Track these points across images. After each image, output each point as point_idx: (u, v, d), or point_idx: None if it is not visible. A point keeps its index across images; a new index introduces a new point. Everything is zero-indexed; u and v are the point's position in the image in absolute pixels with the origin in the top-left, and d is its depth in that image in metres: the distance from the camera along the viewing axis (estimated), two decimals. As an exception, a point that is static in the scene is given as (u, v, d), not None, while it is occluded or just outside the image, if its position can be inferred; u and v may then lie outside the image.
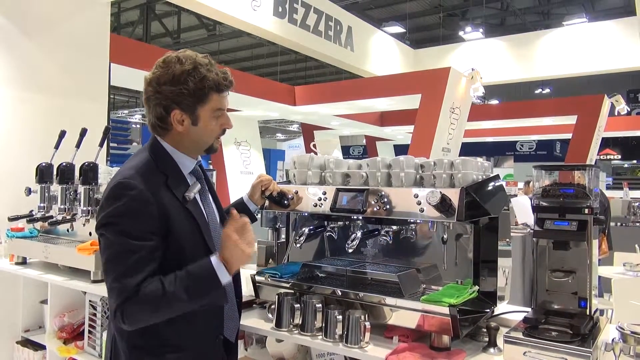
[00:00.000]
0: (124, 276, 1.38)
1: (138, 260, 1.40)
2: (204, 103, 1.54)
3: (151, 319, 1.43)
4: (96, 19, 3.98)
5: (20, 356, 3.06)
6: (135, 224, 1.42)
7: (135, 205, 1.43)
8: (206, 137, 1.60)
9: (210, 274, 1.41)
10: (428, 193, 1.71)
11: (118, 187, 1.45)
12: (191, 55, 1.54)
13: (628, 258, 5.00)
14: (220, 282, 1.42)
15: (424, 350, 1.69)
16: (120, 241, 1.41)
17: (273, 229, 2.44)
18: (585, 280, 1.73)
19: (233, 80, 1.61)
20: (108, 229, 1.43)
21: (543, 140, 17.14)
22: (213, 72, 1.54)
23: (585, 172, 1.75)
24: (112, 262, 1.42)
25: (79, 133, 2.94)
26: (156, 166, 1.54)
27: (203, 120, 1.56)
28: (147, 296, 1.38)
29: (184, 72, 1.49)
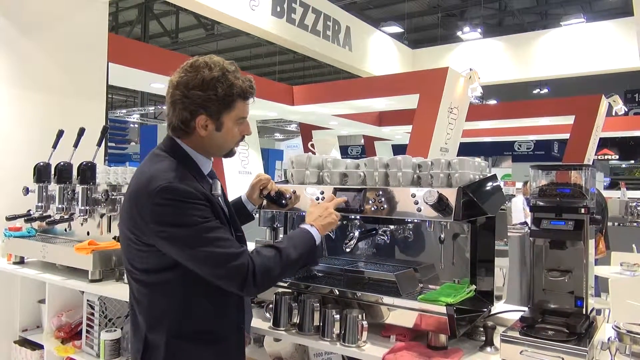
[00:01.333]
0: (228, 248, 1.47)
1: (224, 232, 1.51)
2: (230, 110, 1.56)
3: (276, 279, 1.60)
4: (94, 18, 3.98)
5: (17, 356, 3.06)
6: (200, 213, 1.47)
7: (189, 201, 1.46)
8: (227, 143, 1.64)
9: (310, 237, 1.66)
10: (425, 192, 1.71)
11: (166, 191, 1.45)
12: (219, 61, 1.56)
13: (625, 258, 5.01)
14: (315, 241, 1.67)
15: (421, 349, 1.70)
16: (199, 229, 1.46)
17: (271, 228, 2.44)
18: (581, 279, 1.74)
19: (254, 87, 1.63)
20: (181, 228, 1.45)
21: (541, 140, 17.16)
22: (240, 79, 1.57)
23: (582, 172, 1.75)
24: (210, 245, 1.45)
25: (76, 132, 2.94)
26: (183, 168, 1.56)
27: (226, 126, 1.58)
28: (269, 257, 1.52)
29: (214, 78, 1.51)
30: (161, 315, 1.55)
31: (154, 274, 1.54)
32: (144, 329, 1.57)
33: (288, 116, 11.55)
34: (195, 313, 1.55)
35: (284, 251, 1.56)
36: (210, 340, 1.57)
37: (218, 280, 1.49)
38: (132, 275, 1.59)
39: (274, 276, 1.55)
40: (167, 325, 1.54)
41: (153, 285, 1.55)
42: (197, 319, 1.55)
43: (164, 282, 1.53)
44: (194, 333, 1.56)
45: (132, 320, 1.66)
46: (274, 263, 1.52)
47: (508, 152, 19.03)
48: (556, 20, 12.89)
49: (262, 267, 1.49)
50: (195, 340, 1.56)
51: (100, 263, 2.57)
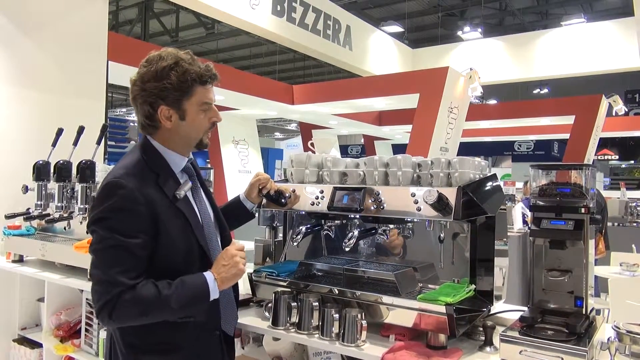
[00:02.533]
0: (114, 270, 1.40)
1: (129, 257, 1.43)
2: (189, 96, 1.55)
3: (137, 320, 1.46)
4: (94, 16, 3.98)
5: (16, 354, 3.06)
6: (124, 221, 1.44)
7: (124, 203, 1.45)
8: (195, 131, 1.61)
9: (203, 290, 1.50)
10: (425, 192, 1.71)
11: (108, 186, 1.48)
12: (172, 51, 1.57)
13: (625, 258, 5.02)
14: (209, 298, 1.51)
15: (421, 348, 1.69)
16: (110, 237, 1.43)
17: (270, 227, 2.44)
18: (581, 279, 1.73)
19: (217, 73, 1.61)
20: (98, 226, 1.46)
21: (541, 140, 17.13)
22: (195, 65, 1.56)
23: (582, 172, 1.75)
24: (101, 258, 1.44)
25: (76, 131, 2.94)
26: (147, 165, 1.56)
27: (190, 114, 1.57)
28: (142, 296, 1.41)
29: (166, 67, 1.52)
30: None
31: None
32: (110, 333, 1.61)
33: (288, 115, 11.53)
34: (153, 324, 1.48)
35: (164, 300, 1.42)
36: (170, 352, 1.53)
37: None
38: None
39: (137, 318, 1.45)
40: (122, 335, 1.53)
41: None
42: (152, 330, 1.50)
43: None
44: (152, 344, 1.52)
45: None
46: (142, 309, 1.42)
47: (508, 152, 19.01)
48: (556, 20, 12.89)
49: (126, 306, 1.40)
50: (153, 353, 1.53)
51: (100, 262, 2.56)
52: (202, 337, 1.60)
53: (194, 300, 1.49)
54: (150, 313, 1.43)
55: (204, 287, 1.49)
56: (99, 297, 1.41)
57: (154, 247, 1.48)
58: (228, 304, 1.70)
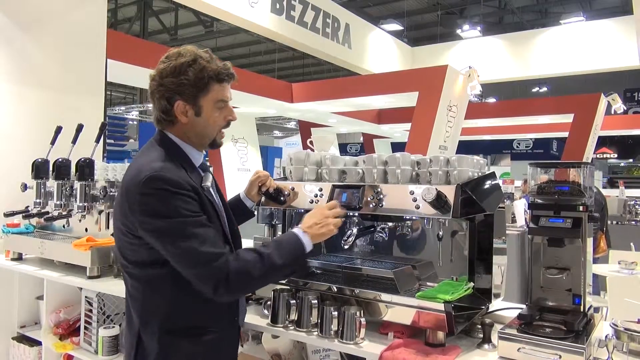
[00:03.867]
0: (206, 248, 1.43)
1: (208, 231, 1.47)
2: (206, 92, 1.58)
3: (252, 284, 1.58)
4: (93, 14, 3.97)
5: (16, 352, 3.06)
6: (185, 205, 1.46)
7: (173, 192, 1.46)
8: (210, 128, 1.63)
9: (299, 243, 1.59)
10: (424, 190, 1.71)
11: (152, 180, 1.46)
12: (192, 49, 1.60)
13: (623, 256, 5.02)
14: (305, 250, 1.60)
15: (419, 346, 1.70)
16: (182, 222, 1.44)
17: (269, 225, 2.44)
18: (579, 277, 1.74)
19: (235, 73, 1.65)
20: (164, 220, 1.45)
21: (540, 138, 17.15)
22: (213, 63, 1.59)
23: (580, 170, 1.75)
24: (185, 243, 1.43)
25: (75, 129, 2.94)
26: (172, 158, 1.57)
27: (206, 110, 1.59)
28: (247, 262, 1.48)
29: (184, 63, 1.55)
30: (153, 310, 1.55)
31: (145, 268, 1.54)
32: (137, 324, 1.58)
33: (287, 114, 11.54)
34: (187, 309, 1.55)
35: (267, 258, 1.51)
36: (201, 335, 1.57)
37: (192, 279, 1.46)
38: (126, 269, 1.60)
39: (251, 284, 1.53)
40: (159, 320, 1.54)
41: (145, 280, 1.55)
42: (188, 315, 1.55)
43: (154, 276, 1.53)
44: (186, 329, 1.56)
45: (126, 315, 1.67)
46: (253, 269, 1.48)
47: (507, 150, 19.03)
48: (556, 18, 12.90)
49: (238, 273, 1.45)
50: (187, 336, 1.56)
51: (99, 259, 2.57)
52: (227, 324, 1.64)
53: (294, 252, 1.58)
54: (261, 274, 1.50)
55: (298, 241, 1.59)
56: (208, 277, 1.44)
57: None
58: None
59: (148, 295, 1.56)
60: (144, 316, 1.57)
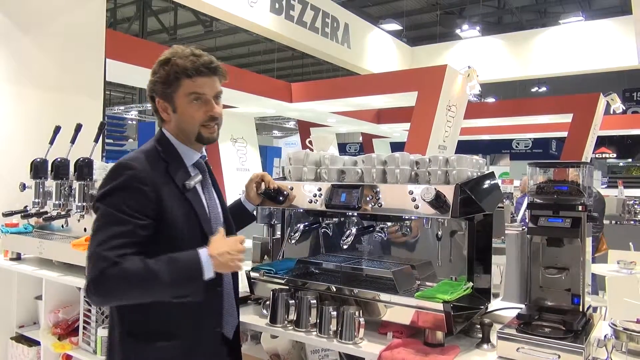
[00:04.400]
0: (104, 246, 1.41)
1: (122, 233, 1.43)
2: (177, 88, 1.58)
3: (124, 295, 1.44)
4: (92, 14, 3.96)
5: (14, 352, 3.05)
6: (127, 200, 1.47)
7: (130, 183, 1.49)
8: (187, 123, 1.62)
9: (195, 265, 1.44)
10: (423, 189, 1.71)
11: (117, 167, 1.53)
12: (173, 48, 1.62)
13: (622, 256, 5.02)
14: (203, 275, 1.44)
15: (418, 346, 1.70)
16: (110, 213, 1.46)
17: (268, 225, 2.44)
18: (578, 277, 1.74)
19: (213, 66, 1.59)
20: (101, 202, 1.49)
21: (539, 138, 17.17)
22: (187, 59, 1.56)
23: (579, 170, 1.75)
24: (97, 232, 1.46)
25: (73, 129, 2.93)
26: (159, 154, 1.60)
27: (180, 106, 1.61)
28: (128, 270, 1.39)
29: (158, 62, 1.60)
30: (124, 309, 1.57)
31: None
32: (113, 321, 1.62)
33: (286, 113, 11.54)
34: (154, 311, 1.52)
35: (152, 273, 1.40)
36: (166, 340, 1.54)
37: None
38: None
39: (125, 295, 1.44)
40: (128, 320, 1.56)
41: None
42: (155, 317, 1.54)
43: None
44: (150, 332, 1.54)
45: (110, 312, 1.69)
46: (131, 281, 1.40)
47: (506, 150, 19.05)
48: (555, 18, 12.90)
49: (113, 280, 1.38)
50: (151, 340, 1.54)
51: (97, 259, 2.56)
52: (200, 332, 1.60)
53: (188, 275, 1.44)
54: (137, 287, 1.41)
55: (198, 265, 1.44)
56: (88, 272, 1.41)
57: (158, 229, 1.50)
58: (229, 307, 1.70)
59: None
60: (118, 315, 1.59)
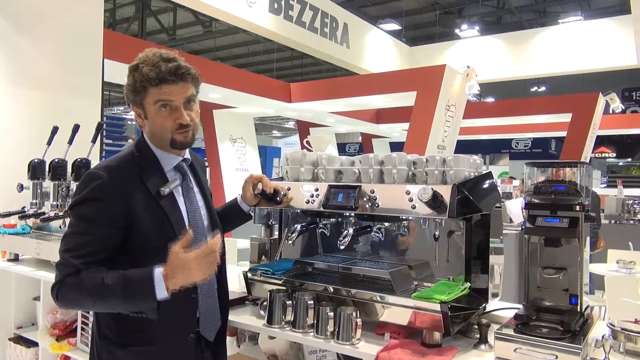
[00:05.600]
0: (69, 254, 1.47)
1: (87, 242, 1.48)
2: (144, 96, 1.57)
3: (80, 304, 1.56)
4: (89, 14, 3.96)
5: (12, 353, 3.05)
6: (93, 210, 1.50)
7: (96, 194, 1.51)
8: (158, 129, 1.60)
9: (147, 284, 1.38)
10: (420, 190, 1.70)
11: (86, 177, 1.55)
12: (145, 53, 1.58)
13: (622, 255, 5.02)
14: (155, 295, 1.38)
15: (415, 346, 1.69)
16: (77, 223, 1.52)
17: (266, 225, 2.43)
18: (576, 277, 1.73)
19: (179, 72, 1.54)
20: (71, 212, 1.56)
21: (538, 138, 17.18)
22: (155, 67, 1.52)
23: (577, 169, 1.75)
24: (64, 240, 1.51)
25: (71, 129, 2.93)
26: (134, 160, 1.60)
27: (149, 113, 1.60)
28: (85, 280, 1.43)
29: (129, 69, 1.59)
30: (97, 313, 1.61)
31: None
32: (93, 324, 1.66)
33: (285, 113, 11.53)
34: (123, 316, 1.52)
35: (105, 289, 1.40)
36: (140, 345, 1.54)
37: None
38: None
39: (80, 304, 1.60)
40: (102, 322, 1.59)
41: None
42: (126, 322, 1.53)
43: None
44: (127, 337, 1.55)
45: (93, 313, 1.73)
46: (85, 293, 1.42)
47: (505, 149, 19.05)
48: (554, 18, 12.90)
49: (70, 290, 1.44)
50: (125, 345, 1.55)
51: (95, 260, 2.56)
52: (172, 338, 1.58)
53: (138, 294, 1.40)
54: (91, 299, 1.44)
55: (149, 283, 1.38)
56: (55, 277, 1.48)
57: (125, 239, 1.52)
58: (209, 310, 1.67)
59: None
60: (95, 317, 1.64)
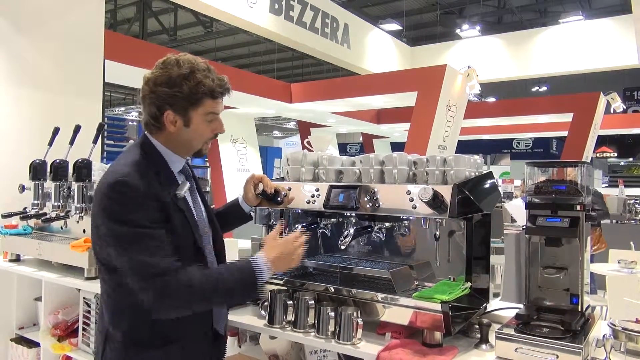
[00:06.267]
0: (154, 258, 1.41)
1: (159, 244, 1.44)
2: (197, 107, 1.56)
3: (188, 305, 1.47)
4: (90, 15, 3.97)
5: (14, 353, 3.05)
6: (141, 214, 1.45)
7: (136, 199, 1.45)
8: (196, 139, 1.62)
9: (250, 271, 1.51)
10: (420, 189, 1.70)
11: (117, 185, 1.46)
12: (190, 59, 1.57)
13: (623, 255, 5.01)
14: (258, 281, 1.52)
15: (416, 346, 1.69)
16: (134, 231, 1.43)
17: (267, 225, 2.43)
18: (577, 276, 1.73)
19: (230, 87, 1.63)
20: (117, 224, 1.44)
21: (539, 138, 17.15)
22: (210, 78, 1.56)
23: (578, 169, 1.75)
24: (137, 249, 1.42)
25: (72, 130, 2.93)
26: (147, 164, 1.56)
27: (195, 123, 1.58)
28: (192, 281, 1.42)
29: (180, 75, 1.52)
30: (121, 314, 1.55)
31: (113, 272, 1.51)
32: (106, 323, 1.59)
33: (286, 114, 11.53)
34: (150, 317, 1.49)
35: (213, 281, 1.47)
36: (167, 344, 1.55)
37: (134, 288, 1.43)
38: (100, 272, 1.60)
39: (189, 304, 1.48)
40: (126, 325, 1.54)
41: (113, 283, 1.54)
42: (154, 323, 1.51)
43: (120, 282, 1.49)
44: (151, 337, 1.54)
45: (99, 312, 1.66)
46: (195, 290, 1.44)
47: (507, 149, 19.03)
48: (555, 17, 12.89)
49: (178, 290, 1.42)
50: (152, 345, 1.54)
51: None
52: (195, 334, 1.60)
53: (244, 281, 1.51)
54: (201, 296, 1.46)
55: (251, 271, 1.52)
56: (147, 289, 1.41)
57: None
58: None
59: (117, 299, 1.55)
60: (113, 317, 1.57)
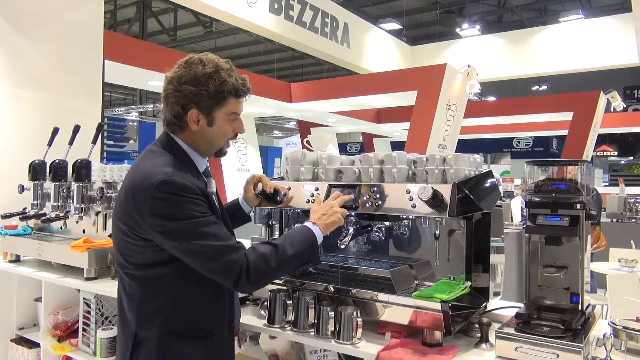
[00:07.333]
0: (228, 241, 1.50)
1: (222, 229, 1.52)
2: (221, 106, 1.59)
3: (270, 275, 1.57)
4: (90, 15, 3.96)
5: (14, 354, 3.05)
6: (196, 208, 1.49)
7: (186, 196, 1.48)
8: (219, 138, 1.65)
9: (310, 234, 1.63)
10: (420, 189, 1.70)
11: (164, 185, 1.47)
12: (213, 58, 1.59)
13: (624, 254, 5.01)
14: (317, 241, 1.65)
15: (416, 346, 1.69)
16: (196, 222, 1.47)
17: (266, 225, 2.44)
18: (577, 275, 1.73)
19: (251, 87, 1.66)
20: (177, 222, 1.47)
21: (540, 136, 17.14)
22: (233, 77, 1.59)
23: (578, 168, 1.74)
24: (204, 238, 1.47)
25: (72, 130, 2.93)
26: (180, 163, 1.58)
27: (218, 122, 1.61)
28: (264, 253, 1.52)
29: (206, 74, 1.55)
30: (153, 311, 1.55)
31: (148, 269, 1.54)
32: (133, 325, 1.57)
33: (286, 113, 11.54)
34: (188, 310, 1.56)
35: (280, 249, 1.55)
36: (201, 337, 1.58)
37: (212, 275, 1.50)
38: (125, 270, 1.59)
39: (269, 274, 1.56)
40: (159, 321, 1.54)
41: (146, 281, 1.55)
42: (189, 316, 1.56)
43: (157, 277, 1.54)
44: (186, 330, 1.56)
45: (120, 316, 1.65)
46: (269, 261, 1.52)
47: (507, 148, 19.02)
48: (555, 16, 12.87)
49: (256, 265, 1.49)
50: (187, 337, 1.56)
51: (96, 261, 2.56)
52: (223, 328, 1.65)
53: (305, 243, 1.61)
54: (277, 264, 1.53)
55: (309, 232, 1.64)
56: (229, 270, 1.47)
57: None
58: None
59: (148, 297, 1.55)
60: (143, 317, 1.56)
